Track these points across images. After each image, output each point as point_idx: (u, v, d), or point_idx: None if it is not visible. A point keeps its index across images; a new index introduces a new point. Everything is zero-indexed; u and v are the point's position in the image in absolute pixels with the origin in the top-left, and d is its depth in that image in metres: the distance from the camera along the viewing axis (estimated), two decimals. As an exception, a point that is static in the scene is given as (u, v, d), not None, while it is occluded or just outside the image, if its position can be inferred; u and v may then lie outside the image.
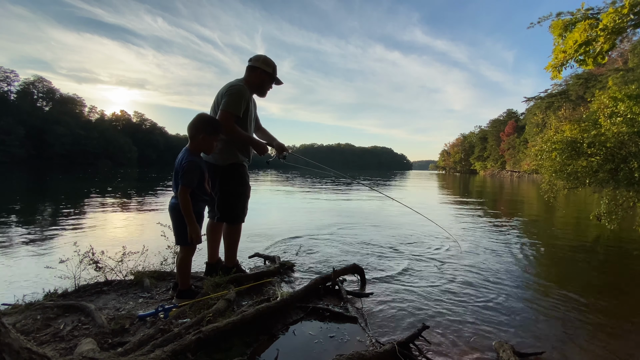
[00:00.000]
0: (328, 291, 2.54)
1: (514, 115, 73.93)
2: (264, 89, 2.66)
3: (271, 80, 2.66)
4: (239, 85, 2.47)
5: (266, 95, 2.72)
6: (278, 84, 2.72)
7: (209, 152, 2.28)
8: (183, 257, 2.20)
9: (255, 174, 29.99)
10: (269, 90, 2.71)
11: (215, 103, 2.51)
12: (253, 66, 2.58)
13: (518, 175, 55.39)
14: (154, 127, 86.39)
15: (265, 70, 2.57)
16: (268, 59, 2.61)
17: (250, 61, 2.60)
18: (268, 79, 2.63)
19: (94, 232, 4.86)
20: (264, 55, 2.63)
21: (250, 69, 2.59)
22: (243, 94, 2.44)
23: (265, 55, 2.64)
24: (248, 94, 2.52)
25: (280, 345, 1.83)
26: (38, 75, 61.48)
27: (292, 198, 10.84)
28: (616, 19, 3.47)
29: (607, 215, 4.93)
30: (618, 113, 4.59)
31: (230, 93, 2.40)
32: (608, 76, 35.27)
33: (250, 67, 2.59)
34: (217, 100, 2.49)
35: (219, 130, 2.22)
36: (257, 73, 2.57)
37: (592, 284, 3.12)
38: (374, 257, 3.73)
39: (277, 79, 2.69)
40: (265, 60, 2.59)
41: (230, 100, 2.38)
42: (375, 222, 6.13)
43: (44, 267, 2.60)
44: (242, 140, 2.53)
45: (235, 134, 2.44)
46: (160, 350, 1.45)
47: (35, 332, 1.76)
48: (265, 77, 2.60)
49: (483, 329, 2.10)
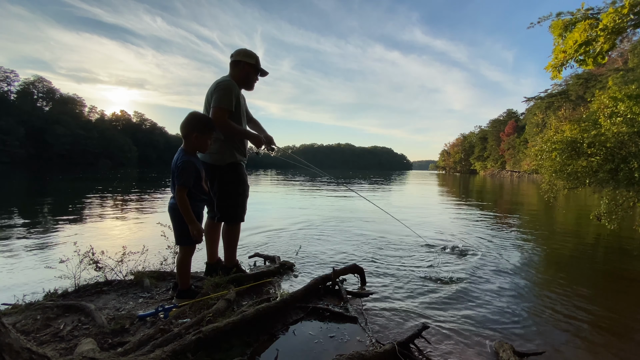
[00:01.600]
0: (328, 291, 2.54)
1: (514, 115, 73.93)
2: (250, 82, 2.66)
3: (256, 71, 2.65)
4: (228, 81, 2.47)
5: (254, 88, 2.72)
6: (263, 74, 2.72)
7: (203, 151, 2.28)
8: (182, 257, 2.20)
9: (256, 175, 29.98)
10: (256, 82, 2.71)
11: (207, 102, 2.50)
12: (236, 60, 2.57)
13: (518, 175, 55.38)
14: (154, 127, 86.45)
15: (248, 62, 2.57)
16: (249, 50, 2.61)
17: (232, 57, 2.60)
18: (252, 70, 2.62)
19: (94, 232, 4.86)
20: (244, 48, 2.64)
21: (233, 64, 2.59)
22: (232, 89, 2.44)
23: (245, 47, 2.65)
24: (237, 88, 2.51)
25: (280, 345, 1.83)
26: (38, 75, 61.58)
27: (292, 197, 10.84)
28: (616, 19, 3.47)
29: (607, 215, 4.92)
30: (618, 113, 4.58)
31: (220, 89, 2.40)
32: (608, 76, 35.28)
33: (233, 62, 2.59)
34: (208, 98, 2.48)
35: (211, 128, 2.21)
36: (240, 66, 2.57)
37: (592, 284, 3.12)
38: (374, 256, 3.73)
39: (262, 70, 2.69)
40: (246, 52, 2.59)
41: (221, 96, 2.37)
42: (376, 222, 6.13)
43: (44, 267, 2.61)
44: (238, 135, 2.53)
45: (231, 130, 2.43)
46: (160, 350, 1.45)
47: (35, 332, 1.76)
48: (249, 69, 2.59)
49: (483, 329, 2.10)
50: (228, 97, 2.39)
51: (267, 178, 24.42)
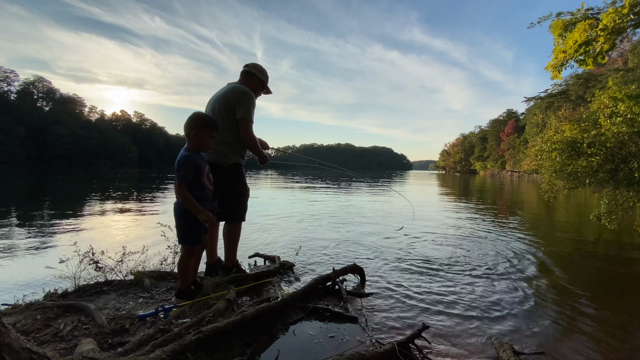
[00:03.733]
0: (328, 291, 2.54)
1: (514, 115, 73.90)
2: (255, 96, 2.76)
3: (263, 88, 2.80)
4: (250, 92, 2.56)
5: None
6: (267, 93, 2.88)
7: (204, 149, 2.27)
8: (184, 256, 2.20)
9: (256, 174, 30.01)
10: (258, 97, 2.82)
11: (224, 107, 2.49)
12: (250, 72, 2.69)
13: (518, 175, 55.37)
14: (154, 127, 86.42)
15: (260, 78, 2.71)
16: (264, 68, 2.76)
17: (247, 67, 2.71)
18: (261, 86, 2.76)
19: (94, 232, 4.86)
20: (259, 64, 2.78)
21: (246, 74, 2.70)
22: (253, 100, 2.57)
23: (260, 65, 2.80)
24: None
25: (280, 345, 1.83)
26: (38, 75, 61.62)
27: (292, 197, 10.84)
28: (616, 19, 3.47)
29: (607, 215, 4.93)
30: (618, 113, 4.59)
31: (247, 99, 2.50)
32: (608, 76, 35.24)
33: (246, 72, 2.70)
34: (227, 104, 2.48)
35: (209, 127, 2.21)
36: (252, 79, 2.69)
37: (592, 284, 3.12)
38: (374, 256, 3.73)
39: (268, 89, 2.85)
40: (261, 69, 2.74)
41: (247, 107, 2.48)
42: (376, 222, 6.13)
43: (44, 267, 2.60)
44: (255, 150, 2.62)
45: (254, 143, 2.55)
46: (160, 350, 1.45)
47: (35, 332, 1.76)
48: (259, 84, 2.73)
49: (483, 329, 2.10)
50: (253, 108, 2.53)
51: (267, 178, 24.43)
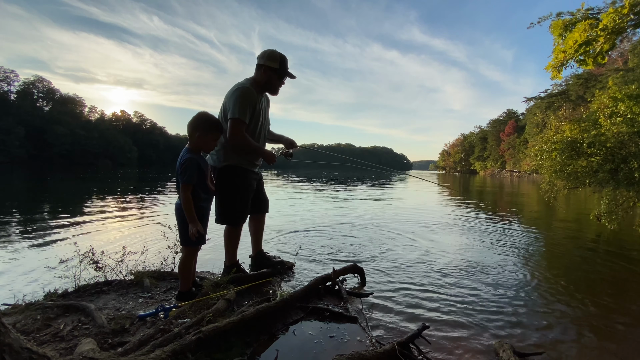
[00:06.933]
0: (328, 291, 2.54)
1: (514, 115, 73.94)
2: (273, 87, 2.54)
3: (280, 76, 2.51)
4: (244, 88, 2.38)
5: (278, 93, 2.60)
6: (290, 77, 2.58)
7: (207, 151, 2.26)
8: (185, 258, 2.19)
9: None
10: (281, 86, 2.57)
11: (222, 107, 2.44)
12: (258, 64, 2.49)
13: (518, 175, 55.37)
14: (154, 127, 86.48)
15: (270, 66, 2.44)
16: (274, 53, 2.46)
17: (257, 58, 2.51)
18: (275, 75, 2.48)
19: (94, 232, 4.85)
20: (270, 49, 2.48)
21: (256, 68, 2.51)
22: (248, 97, 2.34)
23: (273, 49, 2.49)
24: (255, 95, 2.40)
25: (280, 345, 1.83)
26: (38, 75, 61.70)
27: (292, 197, 10.84)
28: (616, 19, 3.47)
29: (607, 215, 4.93)
30: (618, 113, 4.58)
31: (235, 97, 2.32)
32: (608, 76, 35.25)
33: (256, 66, 2.50)
34: (224, 103, 2.42)
35: (215, 129, 2.17)
36: (262, 70, 2.47)
37: (592, 284, 3.12)
38: (374, 256, 3.73)
39: (289, 73, 2.53)
40: (270, 55, 2.44)
41: (236, 106, 2.30)
42: (376, 222, 6.13)
43: (44, 267, 2.61)
44: (251, 151, 2.46)
45: (243, 144, 2.36)
46: (160, 350, 1.45)
47: (35, 332, 1.76)
48: (271, 73, 2.46)
49: (483, 329, 2.10)
50: (243, 107, 2.30)
51: (267, 178, 24.42)
